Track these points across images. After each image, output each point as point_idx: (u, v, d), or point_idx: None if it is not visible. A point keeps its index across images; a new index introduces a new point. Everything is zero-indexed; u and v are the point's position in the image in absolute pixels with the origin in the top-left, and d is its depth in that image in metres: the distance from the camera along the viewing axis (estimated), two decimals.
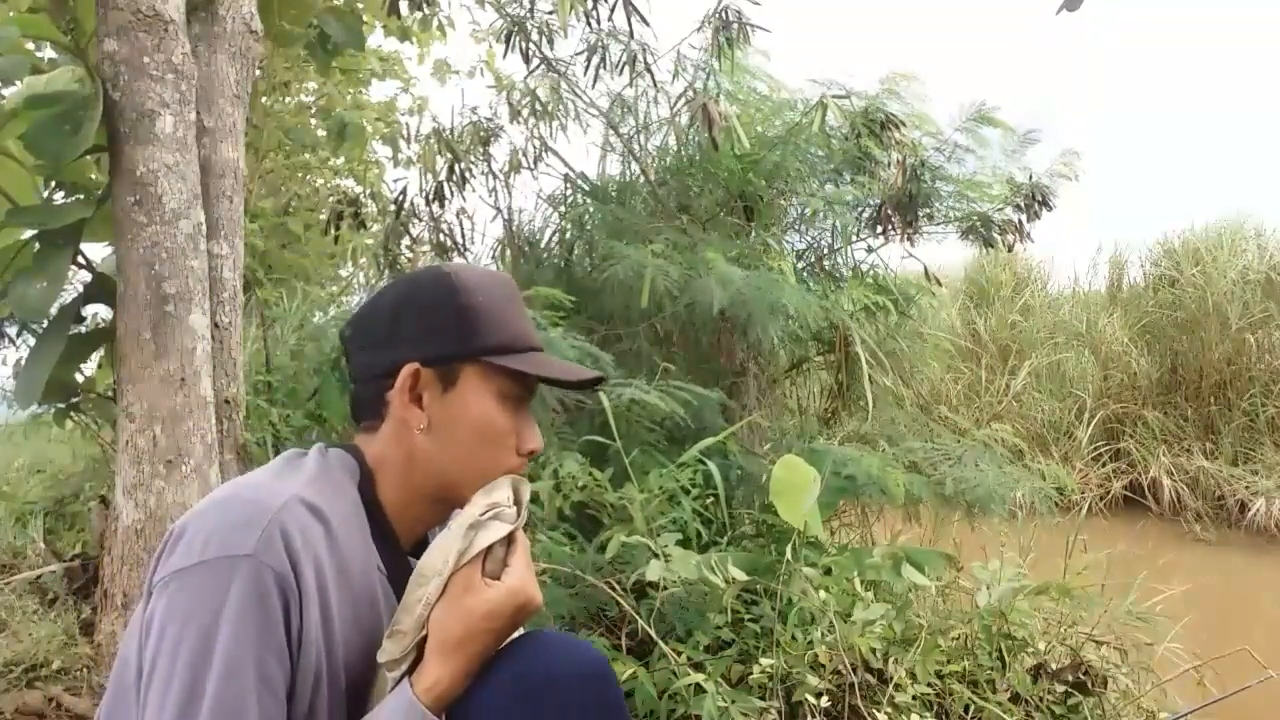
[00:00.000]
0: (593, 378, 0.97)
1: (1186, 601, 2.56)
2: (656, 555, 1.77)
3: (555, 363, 0.98)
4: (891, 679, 1.79)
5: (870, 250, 3.46)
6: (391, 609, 0.89)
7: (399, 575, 0.91)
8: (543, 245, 3.46)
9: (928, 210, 3.19)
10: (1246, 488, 5.93)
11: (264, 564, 0.75)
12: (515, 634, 0.93)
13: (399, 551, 0.92)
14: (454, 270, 0.93)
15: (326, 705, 0.82)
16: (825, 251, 3.47)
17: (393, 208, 3.37)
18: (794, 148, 3.07)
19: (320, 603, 0.80)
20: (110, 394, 2.21)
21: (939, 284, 3.62)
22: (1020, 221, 3.20)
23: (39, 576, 2.59)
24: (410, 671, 0.84)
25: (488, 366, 0.90)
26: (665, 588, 1.77)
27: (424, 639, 0.85)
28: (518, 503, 0.91)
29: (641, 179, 3.28)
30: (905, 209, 3.11)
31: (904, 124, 2.95)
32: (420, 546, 0.96)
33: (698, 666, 1.78)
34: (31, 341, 2.25)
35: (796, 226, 3.48)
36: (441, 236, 3.32)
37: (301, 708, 0.79)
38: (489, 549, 0.86)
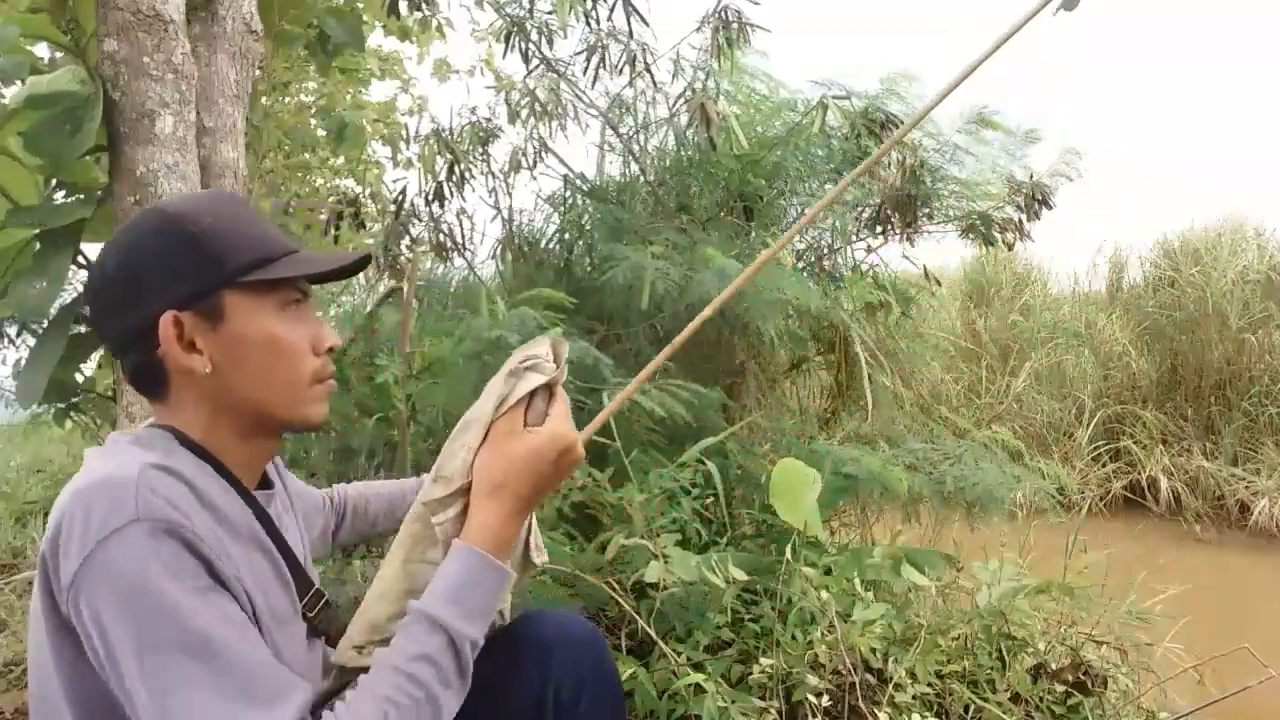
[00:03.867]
0: (360, 257, 0.93)
1: (1186, 601, 2.56)
2: (656, 556, 1.78)
3: (318, 257, 0.92)
4: (891, 679, 1.79)
5: (870, 250, 3.47)
6: (277, 547, 0.88)
7: (261, 516, 0.89)
8: (543, 246, 3.46)
9: (927, 210, 3.19)
10: (1246, 488, 5.93)
11: (153, 520, 0.73)
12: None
13: (249, 495, 0.89)
14: (167, 205, 0.88)
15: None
16: (825, 251, 3.47)
17: (392, 208, 3.37)
18: (794, 148, 3.07)
19: (217, 543, 0.78)
20: (110, 394, 2.21)
21: (938, 284, 3.62)
22: (1020, 220, 3.20)
23: None
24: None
25: (248, 285, 0.85)
26: (665, 588, 1.77)
27: (469, 485, 0.85)
28: (557, 361, 0.90)
29: (641, 179, 3.28)
30: (905, 209, 3.11)
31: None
32: (266, 486, 0.95)
33: (698, 666, 1.78)
34: (31, 341, 2.25)
35: None
36: (441, 237, 3.32)
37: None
38: (530, 400, 0.86)
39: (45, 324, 2.12)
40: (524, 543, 0.92)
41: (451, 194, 3.29)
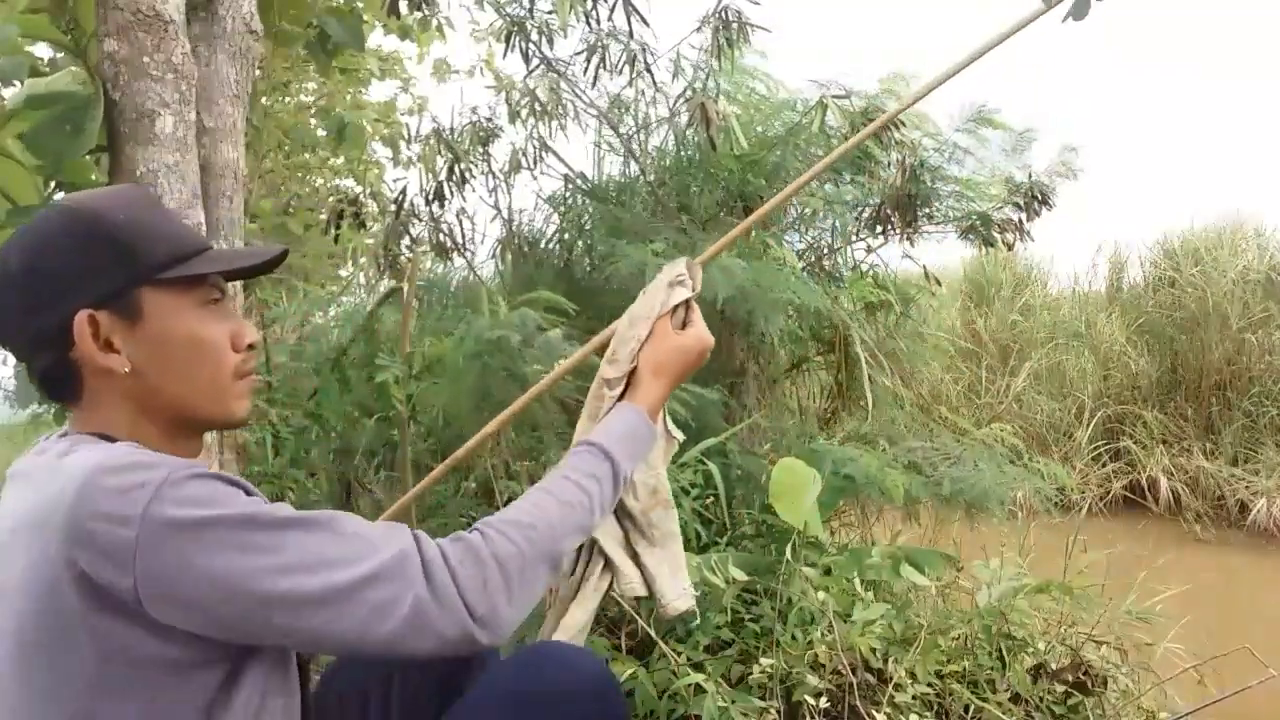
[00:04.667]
0: (278, 253, 0.92)
1: (1186, 601, 2.56)
2: None
3: (235, 253, 0.93)
4: (891, 679, 1.79)
5: (870, 250, 3.47)
6: None
7: None
8: (543, 246, 3.46)
9: (927, 210, 3.20)
10: (1246, 488, 5.93)
11: (183, 468, 0.72)
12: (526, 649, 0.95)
13: None
14: (75, 201, 0.84)
15: None
16: (825, 251, 3.47)
17: (393, 208, 3.37)
18: (794, 148, 3.07)
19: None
20: None
21: (938, 284, 3.62)
22: (1020, 220, 3.20)
23: None
24: (621, 398, 1.11)
25: (166, 283, 0.83)
26: None
27: (633, 370, 1.12)
28: (693, 281, 1.15)
29: (641, 179, 3.28)
30: (905, 209, 3.11)
31: (904, 124, 2.95)
32: None
33: (698, 666, 1.78)
34: None
35: (796, 226, 3.49)
36: (441, 236, 3.32)
37: None
38: (674, 309, 1.13)
39: None
40: (663, 428, 1.19)
41: (451, 194, 3.29)
